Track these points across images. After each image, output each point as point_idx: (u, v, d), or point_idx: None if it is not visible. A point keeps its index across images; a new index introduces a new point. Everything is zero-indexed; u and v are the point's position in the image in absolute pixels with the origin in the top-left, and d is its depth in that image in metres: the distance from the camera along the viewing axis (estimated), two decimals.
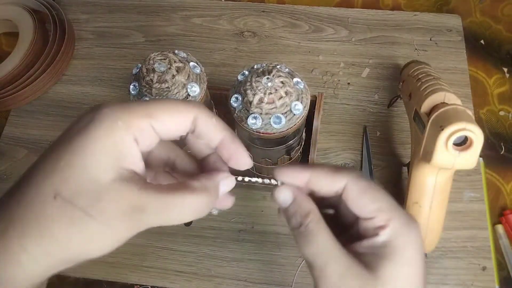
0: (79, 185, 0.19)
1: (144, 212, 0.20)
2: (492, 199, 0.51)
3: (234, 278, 0.47)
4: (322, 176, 0.25)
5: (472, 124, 0.33)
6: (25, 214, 0.19)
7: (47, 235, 0.19)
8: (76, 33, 0.63)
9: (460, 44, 0.60)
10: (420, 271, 0.24)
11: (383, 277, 0.23)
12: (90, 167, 0.20)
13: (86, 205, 0.19)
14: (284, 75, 0.34)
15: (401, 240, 0.23)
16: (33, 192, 0.20)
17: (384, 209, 0.24)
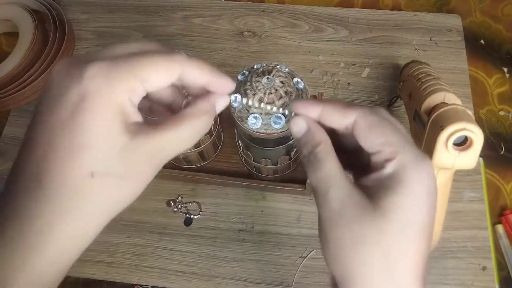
0: (106, 157, 0.21)
1: (163, 151, 0.23)
2: (492, 199, 0.51)
3: (234, 278, 0.47)
4: (332, 110, 0.26)
5: (472, 124, 0.33)
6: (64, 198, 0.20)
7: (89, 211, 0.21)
8: (76, 33, 0.63)
9: (460, 44, 0.60)
10: (425, 207, 0.23)
11: (383, 207, 0.22)
12: (107, 139, 0.21)
13: (119, 171, 0.21)
14: (284, 75, 0.34)
15: (408, 173, 0.23)
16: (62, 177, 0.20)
17: (391, 142, 0.24)
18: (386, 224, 0.22)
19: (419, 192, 0.23)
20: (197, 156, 0.48)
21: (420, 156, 0.23)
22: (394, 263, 0.23)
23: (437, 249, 0.45)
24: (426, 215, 0.23)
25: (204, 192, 0.51)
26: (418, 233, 0.23)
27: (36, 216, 0.20)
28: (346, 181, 0.24)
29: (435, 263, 0.46)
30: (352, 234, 0.23)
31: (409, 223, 0.22)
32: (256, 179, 0.48)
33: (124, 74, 0.21)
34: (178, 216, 0.50)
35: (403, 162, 0.23)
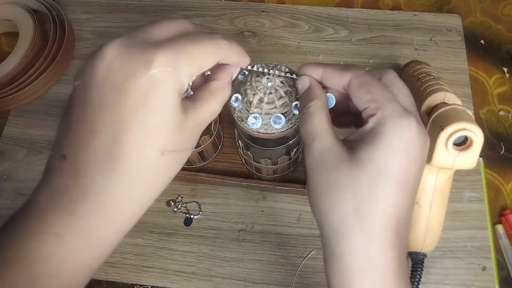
0: (172, 136, 0.24)
1: (203, 121, 0.26)
2: (492, 199, 0.51)
3: (234, 278, 0.47)
4: (331, 71, 0.29)
5: (472, 124, 0.33)
6: (137, 175, 0.23)
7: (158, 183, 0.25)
8: (76, 33, 0.63)
9: (460, 44, 0.60)
10: (400, 161, 0.24)
11: (359, 157, 0.24)
12: (173, 119, 0.23)
13: (181, 146, 0.24)
14: (284, 74, 0.34)
15: (385, 127, 0.24)
16: (137, 156, 0.23)
17: (376, 99, 0.25)
18: (359, 173, 0.24)
19: (395, 146, 0.24)
20: (197, 156, 0.48)
21: (402, 112, 0.24)
22: (364, 211, 0.24)
23: (437, 249, 0.45)
24: (402, 169, 0.24)
25: (204, 192, 0.51)
26: (391, 185, 0.24)
27: (112, 190, 0.23)
28: (330, 135, 0.26)
29: (435, 263, 0.46)
30: (327, 180, 0.25)
31: (380, 174, 0.24)
32: (256, 179, 0.48)
33: (187, 62, 0.24)
34: (178, 216, 0.50)
35: (383, 118, 0.24)
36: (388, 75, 0.28)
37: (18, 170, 0.54)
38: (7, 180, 0.53)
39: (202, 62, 0.25)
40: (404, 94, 0.27)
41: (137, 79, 0.22)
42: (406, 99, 0.27)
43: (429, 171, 0.39)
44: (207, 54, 0.25)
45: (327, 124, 0.27)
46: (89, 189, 0.22)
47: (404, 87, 0.28)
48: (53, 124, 0.57)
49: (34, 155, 0.55)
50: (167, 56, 0.23)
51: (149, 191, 0.25)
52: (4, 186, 0.53)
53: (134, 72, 0.22)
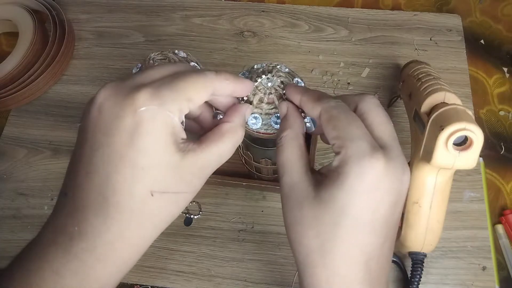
0: (164, 177, 0.23)
1: (209, 165, 0.26)
2: (492, 199, 0.51)
3: (234, 278, 0.47)
4: (306, 101, 0.28)
5: (472, 124, 0.33)
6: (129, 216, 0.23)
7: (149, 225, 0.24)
8: (76, 33, 0.63)
9: (460, 44, 0.60)
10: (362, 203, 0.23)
11: (322, 197, 0.24)
12: (163, 160, 0.23)
13: (175, 188, 0.24)
14: (284, 75, 0.34)
15: (348, 168, 0.23)
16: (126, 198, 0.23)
17: (340, 137, 0.25)
18: (321, 212, 0.24)
19: (357, 188, 0.23)
20: None
21: (367, 151, 0.24)
22: (326, 250, 0.24)
23: (437, 249, 0.45)
24: (365, 210, 0.24)
25: (204, 192, 0.51)
26: (352, 226, 0.24)
27: (105, 231, 0.23)
28: (299, 169, 0.26)
29: (435, 263, 0.46)
30: (294, 215, 0.25)
31: (341, 215, 0.23)
32: (256, 179, 0.48)
33: (173, 97, 0.23)
34: (178, 216, 0.50)
35: (345, 158, 0.24)
36: (365, 102, 0.27)
37: (18, 170, 0.54)
38: (7, 180, 0.53)
39: (190, 95, 0.24)
40: (380, 123, 0.26)
41: (123, 120, 0.22)
42: (382, 130, 0.26)
43: (429, 171, 0.39)
44: (194, 86, 0.24)
45: (297, 157, 0.27)
46: (83, 229, 0.23)
47: (381, 115, 0.26)
48: (53, 124, 0.57)
49: (34, 155, 0.55)
50: (151, 93, 0.23)
51: (143, 233, 0.24)
52: (4, 186, 0.53)
53: (121, 113, 0.22)
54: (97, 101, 0.24)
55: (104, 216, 0.23)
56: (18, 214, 0.51)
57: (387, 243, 0.25)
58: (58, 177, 0.53)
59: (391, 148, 0.25)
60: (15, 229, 0.50)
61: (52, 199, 0.52)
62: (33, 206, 0.52)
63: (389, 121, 0.27)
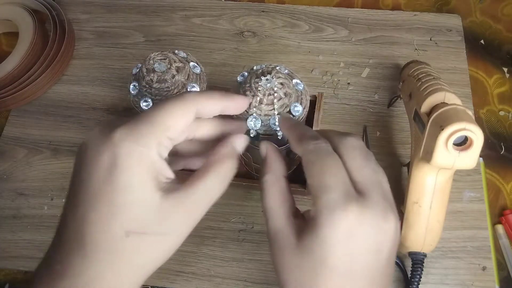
0: (141, 216, 0.22)
1: (197, 204, 0.24)
2: (492, 199, 0.51)
3: (233, 278, 0.47)
4: (290, 140, 0.28)
5: (472, 124, 0.33)
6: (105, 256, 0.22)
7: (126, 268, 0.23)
8: (76, 33, 0.63)
9: (460, 44, 0.60)
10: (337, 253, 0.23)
11: (302, 247, 0.24)
12: (141, 198, 0.22)
13: (155, 230, 0.22)
14: (284, 76, 0.34)
15: (322, 220, 0.23)
16: (101, 237, 0.22)
17: (315, 186, 0.24)
18: (301, 261, 0.24)
19: (330, 238, 0.23)
20: None
21: (340, 203, 0.23)
22: None
23: (437, 249, 0.45)
24: (340, 260, 0.23)
25: None
26: (330, 275, 0.24)
27: (85, 270, 0.22)
28: (281, 215, 0.26)
29: (435, 263, 0.46)
30: (278, 260, 0.25)
31: (319, 265, 0.24)
32: (256, 179, 0.48)
33: (149, 131, 0.23)
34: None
35: (319, 208, 0.24)
36: (343, 142, 0.26)
37: (18, 170, 0.54)
38: (7, 180, 0.53)
39: (168, 124, 0.23)
40: (358, 167, 0.25)
41: (101, 157, 0.22)
42: (360, 175, 0.25)
43: (429, 171, 0.39)
44: (170, 114, 0.23)
45: (279, 203, 0.26)
46: (65, 267, 0.22)
47: (361, 158, 0.26)
48: (53, 124, 0.57)
49: (34, 155, 0.55)
50: (126, 128, 0.22)
51: (122, 274, 0.23)
52: (4, 186, 0.53)
53: (100, 150, 0.22)
54: (84, 141, 0.24)
55: (82, 255, 0.22)
56: (18, 214, 0.51)
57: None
58: (58, 177, 0.53)
59: (370, 195, 0.24)
60: (15, 229, 0.50)
61: (52, 199, 0.52)
62: (33, 206, 0.52)
63: (369, 164, 0.26)
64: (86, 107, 0.58)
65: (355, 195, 0.24)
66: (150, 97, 0.36)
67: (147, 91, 0.36)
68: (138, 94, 0.37)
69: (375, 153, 0.52)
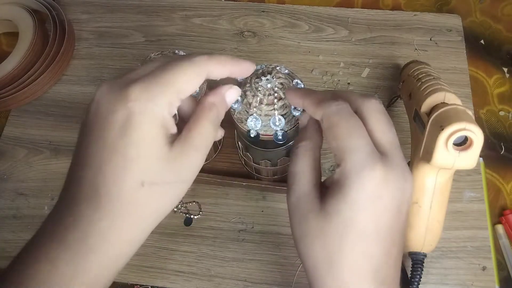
0: (153, 167, 0.23)
1: (198, 153, 0.25)
2: (492, 199, 0.51)
3: (234, 278, 0.47)
4: (308, 105, 0.28)
5: (472, 124, 0.33)
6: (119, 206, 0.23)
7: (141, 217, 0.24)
8: (76, 33, 0.63)
9: (460, 44, 0.60)
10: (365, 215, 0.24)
11: (327, 209, 0.25)
12: (153, 152, 0.23)
13: (165, 179, 0.24)
14: (284, 76, 0.34)
15: (348, 181, 0.24)
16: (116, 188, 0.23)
17: (340, 147, 0.25)
18: (326, 225, 0.24)
19: (358, 200, 0.24)
20: None
21: (367, 162, 0.24)
22: (333, 260, 0.24)
23: (437, 249, 0.45)
24: (368, 221, 0.24)
25: (204, 192, 0.51)
26: (357, 237, 0.24)
27: (97, 221, 0.23)
28: (308, 181, 0.27)
29: (435, 263, 0.46)
30: (300, 227, 0.26)
31: (345, 227, 0.24)
32: (256, 180, 0.48)
33: (161, 90, 0.24)
34: (178, 216, 0.50)
35: (345, 170, 0.24)
36: (367, 106, 0.26)
37: (18, 170, 0.54)
38: (7, 180, 0.53)
39: (179, 86, 0.24)
40: (381, 130, 0.26)
41: (115, 114, 0.23)
42: (383, 137, 0.26)
43: (429, 171, 0.39)
44: (183, 76, 0.25)
45: (309, 169, 0.27)
46: (77, 219, 0.23)
47: (383, 121, 0.26)
48: (53, 124, 0.57)
49: (34, 155, 0.55)
50: (140, 88, 0.23)
51: (135, 224, 0.24)
52: (4, 186, 0.53)
53: (114, 108, 0.23)
54: (94, 98, 0.25)
55: (95, 207, 0.23)
56: (18, 214, 0.51)
57: (394, 250, 0.25)
58: (58, 177, 0.53)
59: (392, 156, 0.25)
60: (15, 229, 0.50)
61: (52, 199, 0.52)
62: (33, 206, 0.52)
63: (391, 127, 0.26)
64: (86, 107, 0.58)
65: (379, 156, 0.24)
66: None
67: None
68: None
69: None
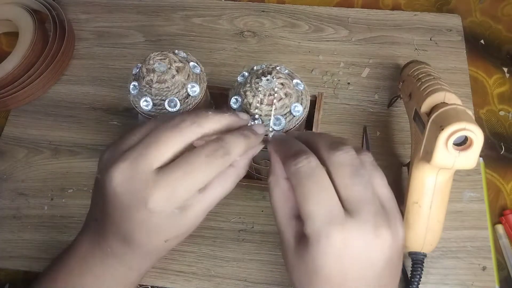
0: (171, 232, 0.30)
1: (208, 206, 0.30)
2: (492, 199, 0.51)
3: (234, 278, 0.47)
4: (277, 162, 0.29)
5: (472, 124, 0.33)
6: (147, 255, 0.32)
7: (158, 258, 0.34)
8: (76, 33, 0.63)
9: (460, 44, 0.60)
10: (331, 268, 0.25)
11: (299, 254, 0.26)
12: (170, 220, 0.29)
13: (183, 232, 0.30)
14: (284, 76, 0.34)
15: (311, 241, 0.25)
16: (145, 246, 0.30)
17: (302, 210, 0.25)
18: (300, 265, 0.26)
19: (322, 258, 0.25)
20: None
21: (322, 231, 0.24)
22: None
23: (437, 249, 0.45)
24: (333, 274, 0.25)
25: None
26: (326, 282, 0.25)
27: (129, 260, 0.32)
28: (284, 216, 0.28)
29: (435, 263, 0.46)
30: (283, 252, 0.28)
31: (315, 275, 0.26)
32: (256, 180, 0.48)
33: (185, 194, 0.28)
34: None
35: (307, 232, 0.25)
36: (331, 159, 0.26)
37: (18, 170, 0.54)
38: (7, 180, 0.53)
39: (200, 186, 0.29)
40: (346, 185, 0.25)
41: (138, 211, 0.28)
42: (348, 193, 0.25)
43: (429, 171, 0.39)
44: (205, 178, 0.28)
45: (281, 204, 0.28)
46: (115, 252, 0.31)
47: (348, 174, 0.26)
48: (53, 124, 0.57)
49: (34, 155, 0.55)
50: (163, 197, 0.27)
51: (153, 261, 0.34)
52: (4, 186, 0.53)
53: (136, 206, 0.27)
54: (112, 183, 0.27)
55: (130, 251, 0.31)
56: (18, 214, 0.51)
57: None
58: (58, 177, 0.53)
59: (358, 213, 0.25)
60: (15, 229, 0.50)
61: (52, 199, 0.52)
62: (33, 206, 0.52)
63: (358, 181, 0.26)
64: (86, 107, 0.58)
65: (340, 218, 0.25)
66: (150, 97, 0.36)
67: (147, 91, 0.36)
68: (138, 94, 0.37)
69: (375, 153, 0.52)
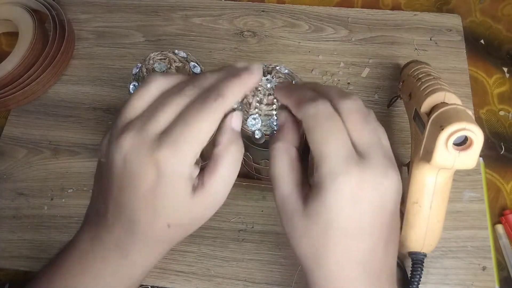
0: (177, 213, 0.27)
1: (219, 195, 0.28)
2: (492, 199, 0.51)
3: (234, 278, 0.47)
4: (290, 106, 0.29)
5: (472, 124, 0.33)
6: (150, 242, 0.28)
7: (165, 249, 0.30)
8: (76, 33, 0.63)
9: (460, 44, 0.60)
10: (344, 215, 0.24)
11: (309, 211, 0.25)
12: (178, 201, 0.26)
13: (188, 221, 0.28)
14: (284, 76, 0.34)
15: (325, 186, 0.25)
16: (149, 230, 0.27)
17: (316, 153, 0.25)
18: (310, 224, 0.25)
19: (336, 203, 0.24)
20: None
21: (340, 169, 0.24)
22: (319, 255, 0.26)
23: (437, 249, 0.45)
24: (348, 221, 0.25)
25: None
26: (340, 234, 0.25)
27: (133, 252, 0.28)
28: (288, 182, 0.27)
29: (435, 263, 0.46)
30: (288, 226, 0.27)
31: (328, 226, 0.25)
32: (256, 180, 0.48)
33: (189, 149, 0.25)
34: None
35: (321, 175, 0.25)
36: (341, 105, 0.26)
37: (18, 170, 0.54)
38: (7, 180, 0.53)
39: (205, 138, 0.26)
40: (358, 129, 0.26)
41: (146, 175, 0.25)
42: (360, 137, 0.26)
43: (429, 171, 0.39)
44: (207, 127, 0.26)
45: (287, 171, 0.27)
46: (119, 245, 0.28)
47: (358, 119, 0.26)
48: (53, 124, 0.57)
49: (34, 155, 0.55)
50: (169, 151, 0.25)
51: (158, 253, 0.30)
52: (4, 186, 0.53)
53: (144, 170, 0.25)
54: (121, 151, 0.26)
55: (133, 241, 0.28)
56: (18, 214, 0.51)
57: (381, 243, 0.26)
58: (58, 177, 0.53)
59: (370, 156, 0.25)
60: (15, 229, 0.50)
61: (52, 199, 0.52)
62: (33, 206, 0.52)
63: (367, 126, 0.26)
64: (86, 107, 0.58)
65: (355, 158, 0.25)
66: None
67: None
68: None
69: None
